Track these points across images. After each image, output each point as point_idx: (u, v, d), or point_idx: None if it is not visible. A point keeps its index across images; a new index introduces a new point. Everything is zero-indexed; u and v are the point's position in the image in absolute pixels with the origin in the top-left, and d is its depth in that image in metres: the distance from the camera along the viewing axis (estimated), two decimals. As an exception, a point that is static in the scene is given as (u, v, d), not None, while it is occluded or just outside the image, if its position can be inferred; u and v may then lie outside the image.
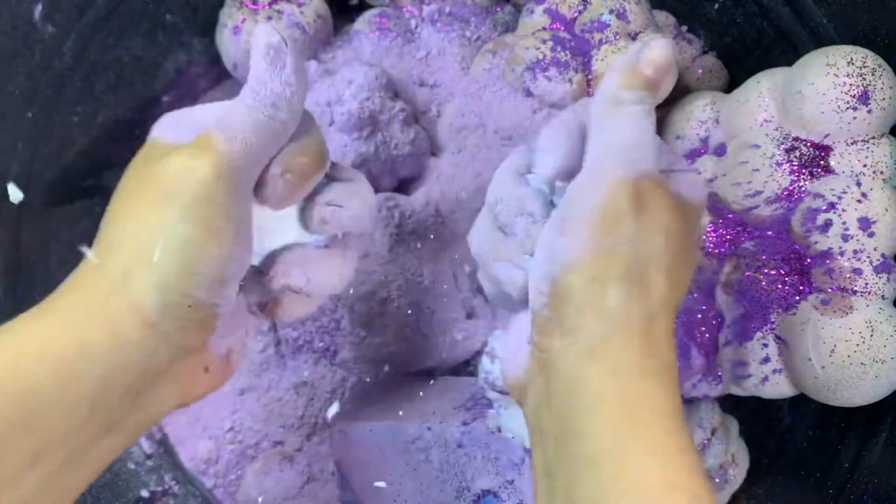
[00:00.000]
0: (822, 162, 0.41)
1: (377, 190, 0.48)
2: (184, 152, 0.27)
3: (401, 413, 0.43)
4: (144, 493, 0.47)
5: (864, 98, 0.39)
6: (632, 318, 0.27)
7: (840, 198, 0.39)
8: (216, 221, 0.27)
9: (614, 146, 0.28)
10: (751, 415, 0.49)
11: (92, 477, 0.27)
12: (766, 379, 0.41)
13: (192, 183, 0.27)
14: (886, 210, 0.39)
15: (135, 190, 0.28)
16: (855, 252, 0.39)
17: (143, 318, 0.26)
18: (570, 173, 0.30)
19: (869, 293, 0.38)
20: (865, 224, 0.39)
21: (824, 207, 0.39)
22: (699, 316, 0.45)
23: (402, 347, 0.47)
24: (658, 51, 0.29)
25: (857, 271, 0.38)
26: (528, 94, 0.44)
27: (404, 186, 0.50)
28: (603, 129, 0.29)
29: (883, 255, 0.39)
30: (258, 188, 0.30)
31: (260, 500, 0.46)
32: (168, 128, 0.30)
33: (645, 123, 0.29)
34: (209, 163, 0.27)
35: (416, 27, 0.52)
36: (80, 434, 0.25)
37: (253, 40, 0.29)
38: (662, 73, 0.29)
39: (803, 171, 0.42)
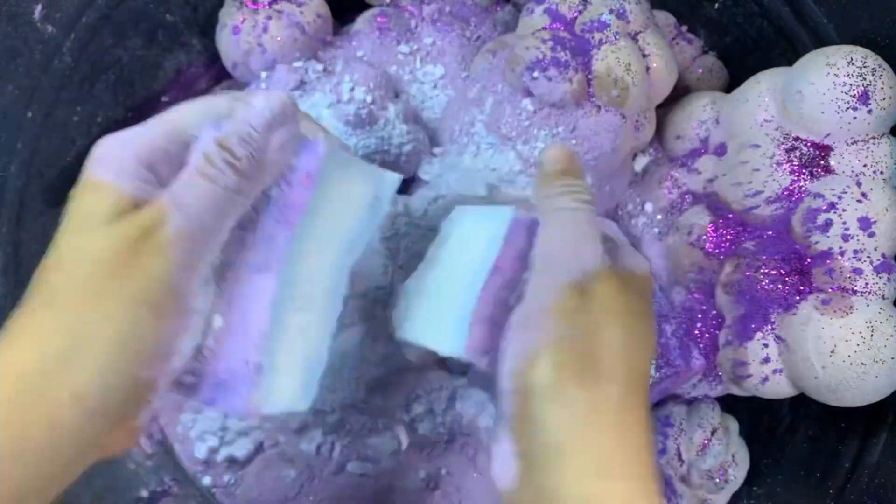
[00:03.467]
0: (822, 162, 0.41)
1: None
2: (132, 230, 0.26)
3: None
4: (144, 493, 0.47)
5: (864, 98, 0.39)
6: (598, 409, 0.27)
7: (840, 198, 0.39)
8: (166, 304, 0.26)
9: (556, 250, 0.29)
10: (751, 415, 0.49)
11: None
12: (766, 379, 0.41)
13: (143, 269, 0.26)
14: (887, 210, 0.39)
15: (80, 263, 0.26)
16: (855, 252, 0.39)
17: (84, 406, 0.25)
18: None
19: (869, 293, 0.38)
20: (866, 224, 0.39)
21: (824, 207, 0.39)
22: (699, 316, 0.45)
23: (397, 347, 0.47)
24: (552, 150, 0.31)
25: (858, 271, 0.38)
26: (528, 94, 0.44)
27: (404, 186, 0.50)
28: (543, 232, 0.30)
29: (883, 255, 0.39)
30: None
31: (260, 500, 0.46)
32: (107, 168, 0.27)
33: (576, 220, 0.30)
34: (162, 248, 0.26)
35: (416, 27, 0.52)
36: None
37: (256, 100, 0.28)
38: (565, 163, 0.31)
39: (803, 170, 0.42)
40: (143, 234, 0.26)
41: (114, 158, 0.27)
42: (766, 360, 0.41)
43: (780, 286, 0.41)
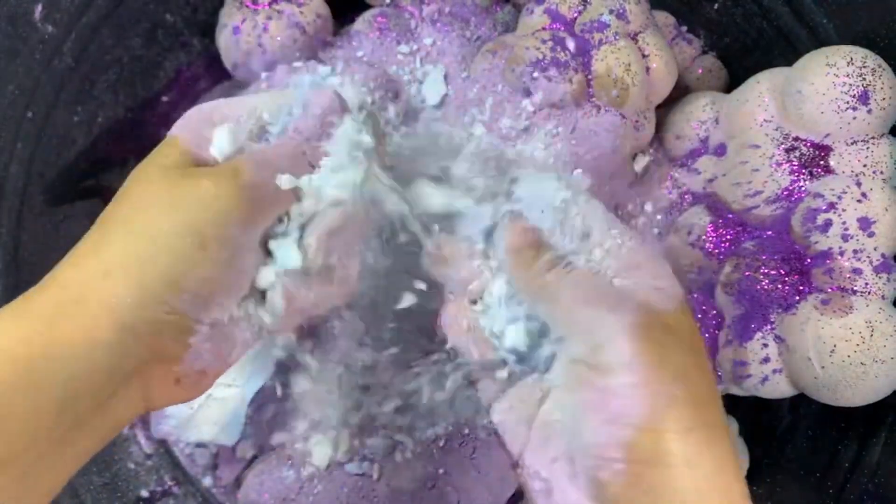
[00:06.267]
0: (821, 162, 0.41)
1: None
2: (211, 177, 0.28)
3: None
4: (144, 493, 0.47)
5: (863, 98, 0.39)
6: (721, 461, 0.26)
7: (840, 198, 0.39)
8: (216, 246, 0.27)
9: (590, 300, 0.28)
10: (751, 415, 0.49)
11: (59, 484, 0.26)
12: (766, 379, 0.41)
13: (209, 209, 0.27)
14: (886, 210, 0.39)
15: (140, 193, 0.28)
16: (855, 252, 0.39)
17: (118, 320, 0.26)
18: None
19: (869, 293, 0.38)
20: (865, 224, 0.39)
21: (824, 207, 0.39)
22: (699, 316, 0.45)
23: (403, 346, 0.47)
24: (510, 231, 0.31)
25: (857, 271, 0.38)
26: (528, 94, 0.44)
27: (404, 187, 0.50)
28: (558, 310, 0.29)
29: (883, 255, 0.39)
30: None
31: (260, 500, 0.46)
32: (188, 130, 0.30)
33: (584, 283, 0.28)
34: (234, 197, 0.27)
35: (416, 27, 0.52)
36: (46, 439, 0.24)
37: (314, 101, 0.31)
38: (528, 236, 0.30)
39: (803, 170, 0.42)
40: (219, 184, 0.28)
41: (190, 119, 0.30)
42: (766, 359, 0.41)
43: (779, 286, 0.41)
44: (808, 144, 0.42)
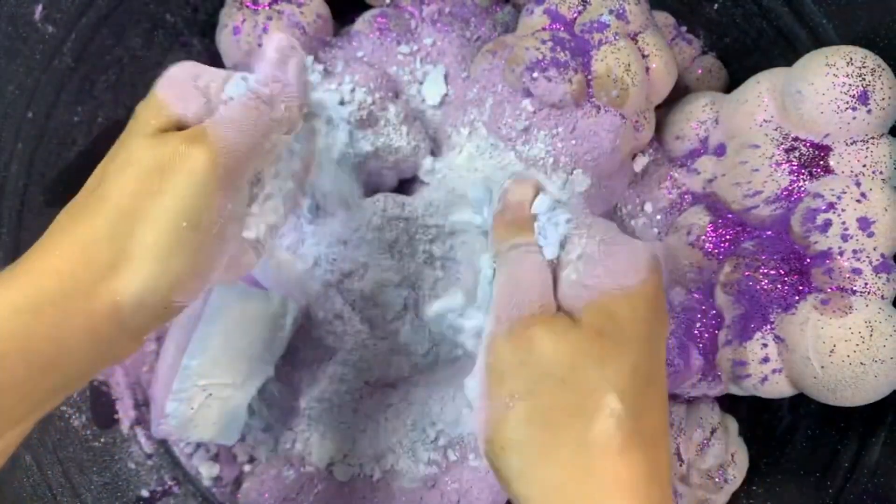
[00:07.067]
0: (821, 162, 0.41)
1: (378, 190, 0.48)
2: (176, 140, 0.28)
3: None
4: (144, 493, 0.47)
5: (863, 98, 0.39)
6: (560, 472, 0.24)
7: (839, 198, 0.39)
8: (206, 222, 0.27)
9: (495, 300, 0.28)
10: (750, 414, 0.49)
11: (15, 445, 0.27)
12: (765, 379, 0.41)
13: (188, 175, 0.27)
14: (886, 210, 0.39)
15: (123, 168, 0.28)
16: (854, 252, 0.39)
17: (120, 320, 0.26)
18: None
19: (868, 293, 0.38)
20: (865, 224, 0.39)
21: (824, 207, 0.39)
22: (699, 316, 0.45)
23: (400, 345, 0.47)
24: (513, 192, 0.32)
25: (857, 271, 0.38)
26: (528, 94, 0.44)
27: (405, 186, 0.50)
28: (493, 284, 0.30)
29: (882, 255, 0.39)
30: None
31: (260, 500, 0.46)
32: (174, 91, 0.30)
33: (517, 266, 0.29)
34: (204, 157, 0.27)
35: (416, 27, 0.52)
36: (24, 418, 0.26)
37: (266, 44, 0.31)
38: (520, 212, 0.31)
39: (803, 171, 0.42)
40: (187, 143, 0.27)
41: (178, 79, 0.30)
42: (766, 359, 0.41)
43: (779, 286, 0.41)
44: (808, 144, 0.42)
